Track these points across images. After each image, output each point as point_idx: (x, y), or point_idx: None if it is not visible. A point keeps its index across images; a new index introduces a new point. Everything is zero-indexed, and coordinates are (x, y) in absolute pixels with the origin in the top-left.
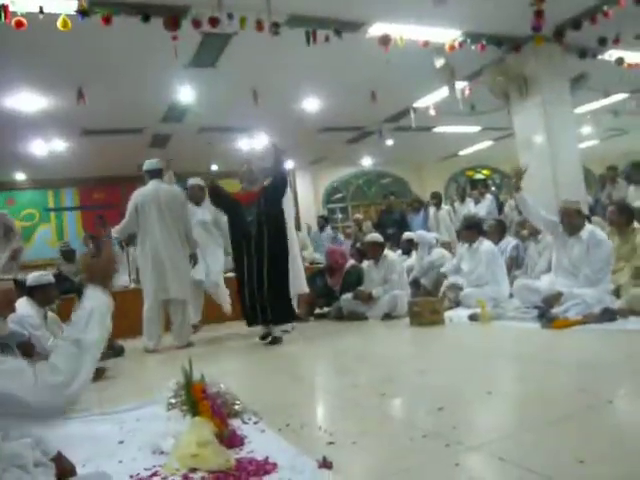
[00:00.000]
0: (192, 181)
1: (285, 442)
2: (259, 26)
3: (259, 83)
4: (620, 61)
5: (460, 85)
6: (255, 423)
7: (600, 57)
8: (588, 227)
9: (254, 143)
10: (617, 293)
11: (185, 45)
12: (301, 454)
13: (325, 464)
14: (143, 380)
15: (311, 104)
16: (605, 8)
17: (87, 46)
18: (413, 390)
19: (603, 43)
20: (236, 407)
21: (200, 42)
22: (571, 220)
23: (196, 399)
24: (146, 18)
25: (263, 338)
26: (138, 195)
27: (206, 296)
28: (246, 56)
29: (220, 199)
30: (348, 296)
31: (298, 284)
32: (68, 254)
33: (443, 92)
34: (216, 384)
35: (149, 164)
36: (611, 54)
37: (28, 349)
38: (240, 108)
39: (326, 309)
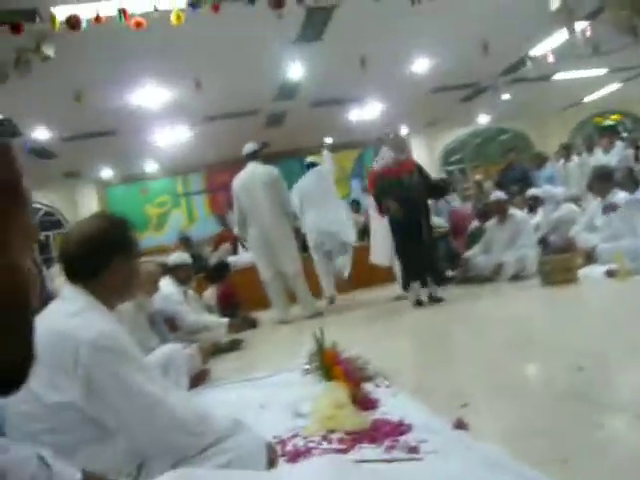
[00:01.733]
0: None
1: (418, 404)
2: None
3: (366, 51)
4: None
5: (580, 25)
6: (387, 387)
7: None
8: None
9: (366, 113)
10: None
11: (291, 22)
12: (435, 415)
13: (460, 425)
14: (278, 349)
15: (421, 65)
16: None
17: (200, 36)
18: (550, 351)
19: None
20: (368, 372)
21: (305, 17)
22: None
23: (329, 365)
24: (251, 0)
25: (419, 303)
26: (235, 183)
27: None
28: (351, 26)
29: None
30: (478, 258)
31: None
32: (185, 241)
33: (561, 36)
34: (348, 350)
35: (245, 148)
36: None
37: (173, 324)
38: (350, 79)
39: (451, 273)
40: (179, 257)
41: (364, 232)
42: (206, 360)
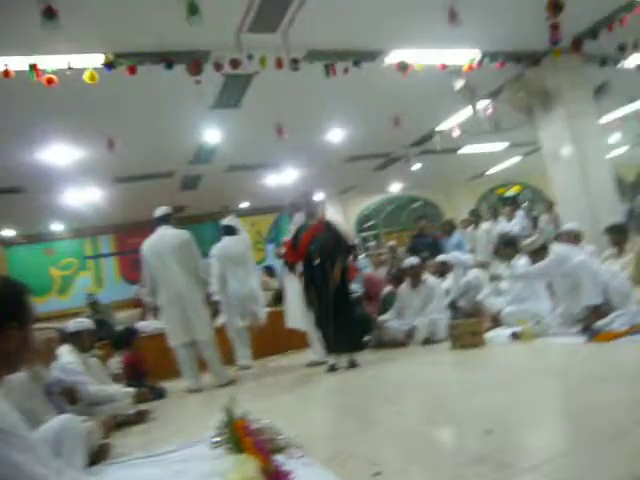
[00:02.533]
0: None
1: (331, 474)
2: (279, 64)
3: (283, 119)
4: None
5: (482, 104)
6: (300, 457)
7: (621, 64)
8: None
9: (282, 179)
10: None
11: (208, 88)
12: None
13: None
14: (186, 420)
15: (336, 135)
16: (621, 15)
17: (114, 97)
18: (459, 414)
19: (623, 50)
20: (280, 442)
21: (223, 84)
22: None
23: (239, 436)
24: (169, 65)
25: (332, 369)
26: (145, 247)
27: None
28: (268, 94)
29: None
30: (389, 322)
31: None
32: (92, 304)
33: (466, 112)
34: (259, 420)
35: (156, 211)
36: (631, 61)
37: (72, 395)
38: (266, 145)
39: (365, 338)
40: (80, 323)
41: (278, 297)
42: (108, 434)
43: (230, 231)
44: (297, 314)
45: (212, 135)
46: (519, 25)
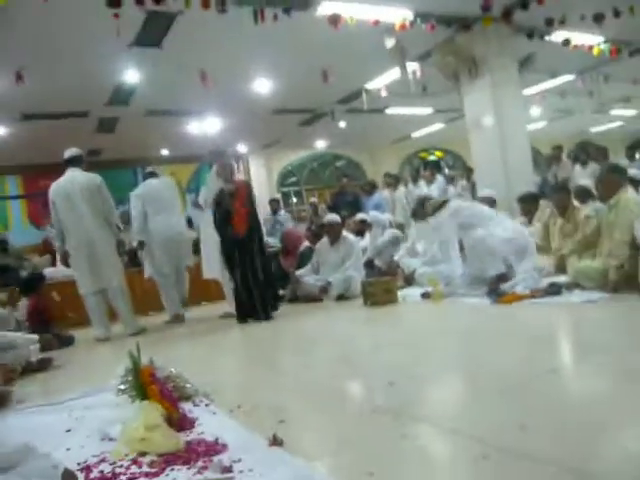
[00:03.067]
0: None
1: (236, 422)
2: (205, 3)
3: (207, 64)
4: (566, 42)
5: (411, 66)
6: (207, 405)
7: (547, 38)
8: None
9: (205, 127)
10: (563, 268)
11: (128, 24)
12: (251, 433)
13: (275, 442)
14: (92, 368)
15: (262, 85)
16: None
17: (25, 25)
18: (365, 367)
19: (550, 24)
20: (187, 390)
21: (144, 20)
22: None
23: (144, 383)
24: None
25: (244, 320)
26: (53, 190)
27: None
28: (193, 36)
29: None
30: (305, 277)
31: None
32: (1, 244)
33: (395, 73)
34: (166, 368)
35: (66, 153)
36: (558, 35)
37: None
38: (189, 90)
39: (281, 292)
40: None
41: (195, 248)
42: (10, 381)
43: (154, 174)
44: (213, 264)
45: (131, 75)
46: None
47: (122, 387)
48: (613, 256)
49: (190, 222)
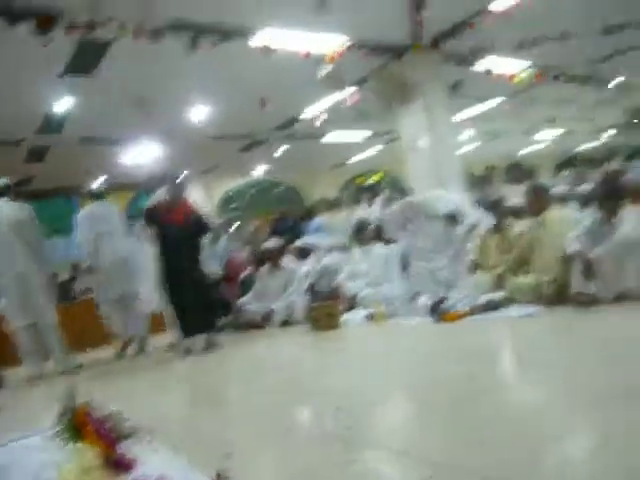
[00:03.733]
0: None
1: (180, 459)
2: (139, 32)
3: (144, 91)
4: (490, 71)
5: (347, 92)
6: (149, 443)
7: (475, 65)
8: None
9: (142, 155)
10: (501, 284)
11: (60, 52)
12: (195, 470)
13: (220, 476)
14: (26, 410)
15: (200, 112)
16: (476, 19)
17: None
18: (312, 393)
19: (477, 52)
20: (126, 428)
21: (76, 49)
22: None
23: (79, 424)
24: (14, 22)
25: (188, 352)
26: None
27: None
28: (128, 63)
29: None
30: (248, 305)
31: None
32: None
33: (331, 99)
34: (104, 406)
35: None
36: (485, 62)
37: None
38: (124, 118)
39: (224, 320)
40: None
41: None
42: None
43: (99, 195)
44: (152, 295)
45: (63, 103)
46: (385, 18)
47: (57, 429)
48: (545, 271)
49: None
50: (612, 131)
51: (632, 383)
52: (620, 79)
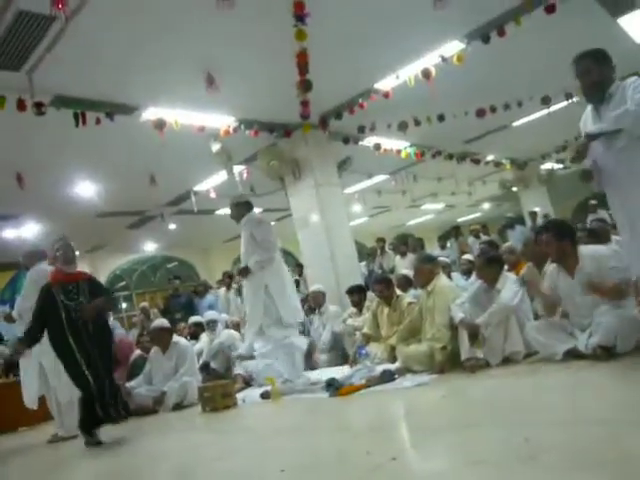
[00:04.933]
0: None
1: None
2: (21, 105)
3: (24, 166)
4: (377, 147)
5: (238, 168)
6: None
7: (361, 143)
8: None
9: (23, 232)
10: (394, 354)
11: None
12: None
13: None
14: None
15: (86, 188)
16: (360, 100)
17: None
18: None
19: (362, 131)
20: None
21: None
22: None
23: None
24: None
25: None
26: None
27: None
28: (9, 136)
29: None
30: (138, 389)
31: None
32: None
33: (223, 175)
34: None
35: None
36: (369, 140)
37: None
38: (3, 193)
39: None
40: None
41: (9, 368)
42: None
43: None
44: (33, 390)
45: None
46: (273, 98)
47: None
48: (436, 339)
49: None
50: (488, 204)
51: (529, 442)
52: (491, 156)
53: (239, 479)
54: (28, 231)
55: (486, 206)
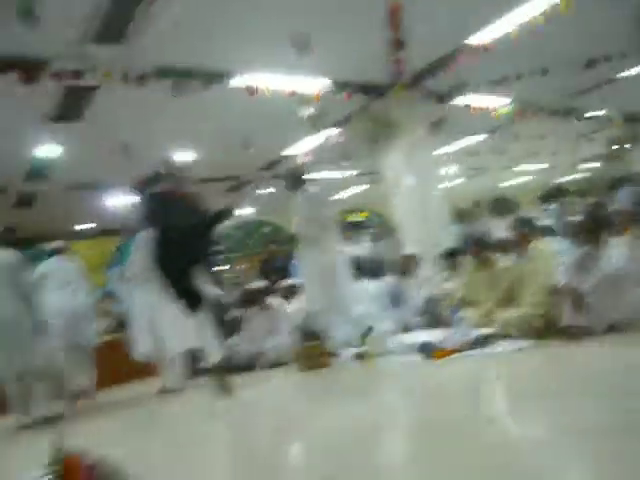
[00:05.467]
0: None
1: None
2: (124, 78)
3: (128, 137)
4: (473, 106)
5: (330, 132)
6: None
7: (456, 102)
8: None
9: (128, 200)
10: (490, 319)
11: (47, 99)
12: None
13: None
14: (13, 459)
15: (185, 155)
16: (454, 58)
17: None
18: (304, 435)
19: (457, 89)
20: (116, 476)
21: (63, 96)
22: None
23: (70, 473)
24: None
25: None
26: None
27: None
28: (113, 109)
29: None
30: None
31: None
32: None
33: (315, 139)
34: (93, 454)
35: None
36: (465, 99)
37: None
38: (111, 163)
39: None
40: None
41: (121, 323)
42: None
43: (56, 251)
44: (146, 342)
45: (50, 149)
46: (366, 59)
47: (46, 478)
48: (534, 304)
49: (112, 296)
50: (594, 163)
51: (630, 414)
52: (600, 112)
53: (332, 436)
54: (134, 199)
55: (591, 165)
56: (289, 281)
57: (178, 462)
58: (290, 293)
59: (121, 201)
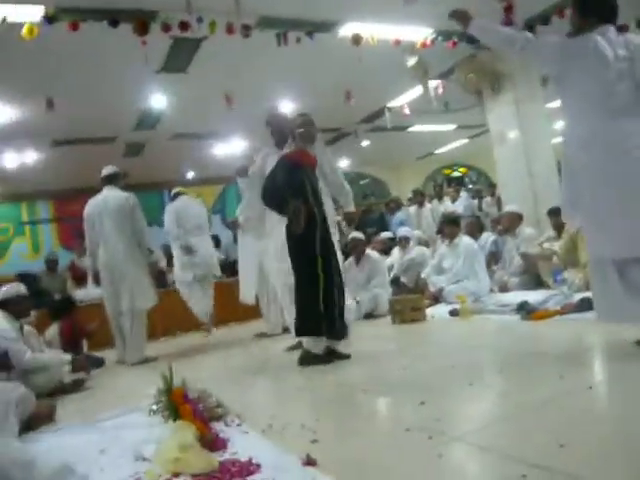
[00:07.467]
0: None
1: (268, 442)
2: (229, 29)
3: (233, 87)
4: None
5: (433, 83)
6: (238, 425)
7: None
8: None
9: (231, 149)
10: None
11: (155, 50)
12: (285, 453)
13: (309, 461)
14: (124, 389)
15: (286, 106)
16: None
17: (55, 54)
18: (396, 386)
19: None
20: (218, 410)
21: (170, 47)
22: None
23: (177, 404)
24: (114, 23)
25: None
26: (87, 208)
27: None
28: (218, 60)
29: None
30: None
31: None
32: (51, 264)
33: (417, 91)
34: (197, 389)
35: (104, 171)
36: None
37: (5, 363)
38: (214, 113)
39: None
40: (12, 288)
41: (224, 268)
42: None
43: (182, 194)
44: (250, 287)
45: (157, 100)
46: (474, 4)
47: (155, 407)
48: None
49: (218, 241)
50: None
51: None
52: None
53: (423, 389)
54: (235, 148)
55: None
56: (386, 234)
57: (275, 404)
58: (388, 246)
59: (222, 150)
